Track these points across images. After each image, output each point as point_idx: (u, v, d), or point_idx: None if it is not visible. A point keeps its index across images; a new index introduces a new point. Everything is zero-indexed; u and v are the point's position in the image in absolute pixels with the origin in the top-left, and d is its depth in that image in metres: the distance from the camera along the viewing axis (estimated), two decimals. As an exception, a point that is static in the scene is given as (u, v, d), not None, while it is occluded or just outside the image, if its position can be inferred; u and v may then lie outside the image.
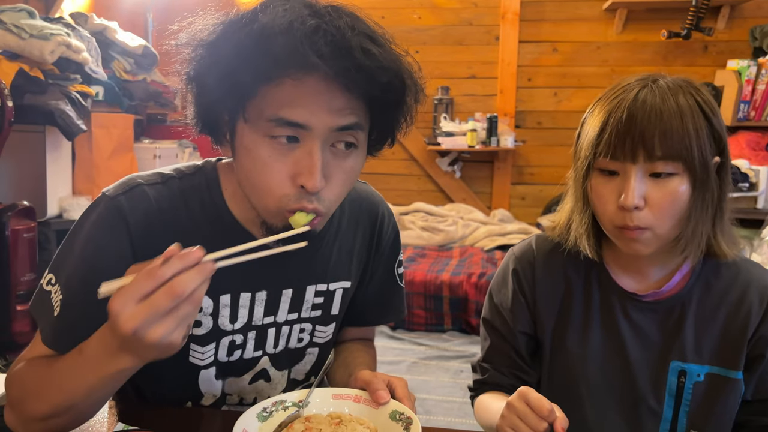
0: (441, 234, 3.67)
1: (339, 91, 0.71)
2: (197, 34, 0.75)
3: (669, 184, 0.82)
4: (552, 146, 4.11)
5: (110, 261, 0.78)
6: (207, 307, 0.85)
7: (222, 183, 0.86)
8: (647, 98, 0.82)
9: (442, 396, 2.27)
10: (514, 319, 0.99)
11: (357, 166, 0.79)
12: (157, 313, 0.59)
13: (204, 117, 0.80)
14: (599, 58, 3.99)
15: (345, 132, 0.74)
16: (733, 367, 0.90)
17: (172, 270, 0.59)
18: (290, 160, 0.73)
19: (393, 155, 4.28)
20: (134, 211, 0.80)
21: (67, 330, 0.78)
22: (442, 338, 2.84)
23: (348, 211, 0.97)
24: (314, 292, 0.93)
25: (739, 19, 3.80)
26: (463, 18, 4.11)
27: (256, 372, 0.93)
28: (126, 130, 3.08)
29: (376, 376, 0.83)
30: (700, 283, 0.92)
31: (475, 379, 1.04)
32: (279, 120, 0.71)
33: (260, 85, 0.71)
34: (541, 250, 1.00)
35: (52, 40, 2.51)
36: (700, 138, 0.82)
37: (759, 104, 3.44)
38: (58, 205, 2.77)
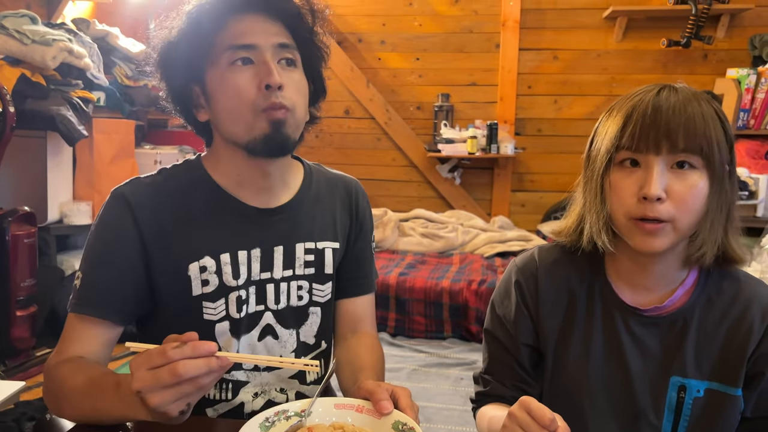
0: (441, 241, 3.67)
1: (269, 20, 0.95)
2: (160, 25, 0.97)
3: (690, 178, 0.83)
4: (552, 153, 4.11)
5: (118, 233, 0.95)
6: (211, 266, 0.97)
7: (205, 163, 1.02)
8: (671, 97, 0.85)
9: (443, 404, 2.26)
10: (517, 331, 0.99)
11: (303, 83, 0.98)
12: (158, 384, 0.69)
13: (177, 94, 0.99)
14: (599, 66, 4.00)
15: (283, 50, 0.95)
16: (733, 383, 0.89)
17: (181, 355, 0.68)
18: (251, 73, 0.92)
19: (393, 162, 4.29)
20: (134, 194, 0.97)
21: (87, 296, 0.94)
22: (442, 345, 2.83)
23: (325, 184, 1.11)
24: (304, 249, 1.05)
25: (738, 27, 3.82)
26: (463, 26, 4.13)
27: (263, 327, 1.02)
28: (127, 135, 3.08)
29: (379, 386, 0.83)
30: (703, 299, 0.92)
31: (477, 391, 1.04)
32: (234, 46, 0.92)
33: (216, 32, 0.93)
34: (544, 261, 1.00)
35: (54, 45, 2.52)
36: (719, 139, 0.84)
37: (758, 113, 3.46)
38: (59, 211, 2.77)
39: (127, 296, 0.96)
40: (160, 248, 0.96)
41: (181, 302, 0.97)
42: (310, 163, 1.14)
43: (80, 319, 0.94)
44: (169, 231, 0.96)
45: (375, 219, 3.73)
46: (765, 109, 3.45)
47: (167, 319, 0.99)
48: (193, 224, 0.98)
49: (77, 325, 0.94)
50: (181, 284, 0.97)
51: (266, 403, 1.03)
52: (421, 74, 4.21)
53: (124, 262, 0.95)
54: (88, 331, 0.94)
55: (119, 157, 3.00)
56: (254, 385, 1.03)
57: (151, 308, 0.99)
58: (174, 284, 0.97)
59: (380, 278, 3.01)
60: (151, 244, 0.96)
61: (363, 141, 4.31)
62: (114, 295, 0.95)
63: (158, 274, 0.96)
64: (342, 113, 4.30)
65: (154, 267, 0.96)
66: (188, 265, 0.96)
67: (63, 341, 0.94)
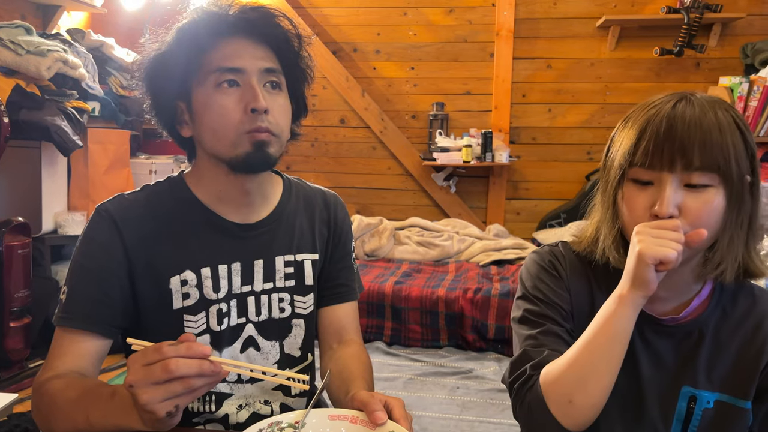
0: (437, 249, 3.67)
1: (257, 43, 0.97)
2: (148, 47, 0.99)
3: (704, 195, 0.81)
4: (547, 162, 4.13)
5: (103, 248, 0.96)
6: (192, 280, 0.99)
7: (187, 180, 1.04)
8: (686, 110, 0.82)
9: (438, 413, 2.25)
10: (562, 303, 0.94)
11: (287, 106, 1.00)
12: (150, 379, 0.69)
13: (162, 109, 1.01)
14: (593, 74, 4.02)
15: (269, 74, 0.97)
16: (744, 396, 0.89)
17: (175, 352, 0.70)
18: (237, 95, 0.94)
19: (389, 170, 4.30)
20: (118, 210, 0.99)
21: (73, 309, 0.95)
22: (439, 354, 2.82)
23: (303, 198, 1.14)
24: (283, 262, 1.07)
25: (730, 36, 3.85)
26: (458, 35, 4.15)
27: (245, 339, 1.03)
28: (122, 145, 3.08)
29: (373, 397, 0.83)
30: (718, 311, 0.91)
31: (530, 364, 0.89)
32: (221, 68, 0.94)
33: (204, 53, 0.95)
34: (569, 254, 0.98)
35: (49, 56, 2.52)
36: (737, 151, 0.81)
37: (751, 120, 3.47)
38: (53, 221, 2.76)
39: (114, 309, 0.97)
40: (143, 262, 0.98)
41: (162, 315, 0.99)
42: (291, 178, 1.16)
43: (68, 333, 0.95)
44: (151, 245, 0.98)
45: (370, 228, 3.75)
46: (758, 116, 3.47)
47: (150, 332, 0.98)
48: (175, 239, 1.00)
49: (65, 339, 0.95)
50: (163, 297, 0.98)
51: (251, 415, 1.03)
52: (416, 83, 4.23)
53: (109, 275, 0.96)
54: (77, 345, 0.94)
55: (114, 167, 3.00)
56: (238, 397, 1.03)
57: (136, 321, 1.00)
58: (156, 297, 0.98)
59: (376, 287, 3.00)
60: (135, 258, 0.97)
61: (358, 150, 4.32)
62: (100, 307, 0.96)
63: (141, 287, 0.98)
64: (337, 122, 4.31)
65: (138, 280, 0.98)
66: (169, 278, 0.98)
67: (51, 356, 0.94)
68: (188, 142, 1.04)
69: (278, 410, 1.05)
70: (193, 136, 1.01)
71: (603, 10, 3.92)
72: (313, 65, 1.06)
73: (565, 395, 0.83)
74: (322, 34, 4.22)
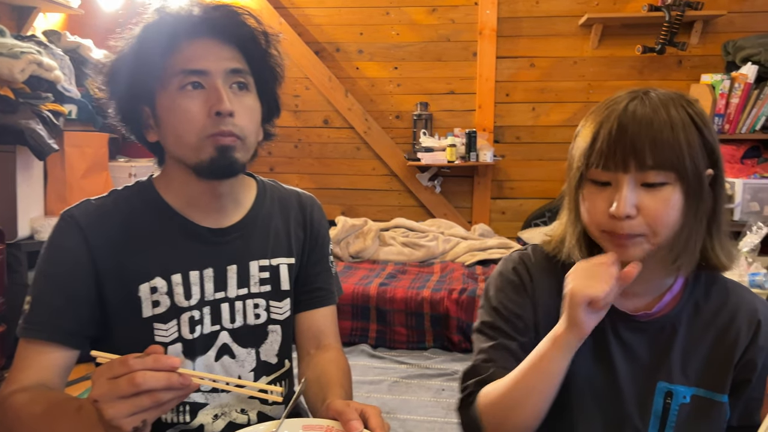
0: (422, 250, 3.65)
1: (222, 43, 0.93)
2: (111, 50, 0.97)
3: (661, 193, 0.81)
4: (531, 160, 4.12)
5: (69, 255, 0.93)
6: (162, 287, 0.96)
7: (156, 184, 1.02)
8: (637, 109, 0.82)
9: (424, 416, 2.23)
10: (524, 313, 0.94)
11: (255, 107, 0.97)
12: (116, 393, 0.67)
13: (127, 113, 0.98)
14: (576, 73, 4.03)
15: (235, 74, 0.93)
16: (720, 390, 0.89)
17: (141, 365, 0.67)
18: (201, 98, 0.91)
19: (373, 171, 4.27)
20: (84, 216, 0.95)
21: (37, 320, 0.92)
22: (424, 356, 2.80)
23: (278, 200, 1.11)
24: (258, 267, 1.04)
25: (711, 34, 3.87)
26: (441, 34, 4.13)
27: (219, 347, 1.00)
28: (100, 148, 3.03)
29: (348, 405, 0.82)
30: (690, 305, 0.91)
31: (476, 380, 0.93)
32: (185, 71, 0.91)
33: (166, 56, 0.92)
34: (538, 258, 0.98)
35: (23, 58, 2.46)
36: (692, 148, 0.81)
37: (733, 117, 3.49)
38: (30, 226, 2.70)
39: (81, 318, 0.94)
40: (111, 269, 0.94)
41: (131, 324, 0.95)
42: (265, 180, 1.13)
43: (32, 344, 0.92)
44: (119, 251, 0.95)
45: (355, 229, 3.72)
46: (739, 113, 3.49)
47: (119, 342, 0.96)
48: (144, 245, 0.97)
49: (30, 351, 0.91)
50: (132, 306, 0.95)
51: (227, 425, 1.00)
52: (399, 83, 4.21)
53: (75, 283, 0.93)
54: (41, 356, 0.91)
55: (92, 171, 2.95)
56: (213, 407, 1.00)
57: (105, 330, 0.97)
58: (124, 306, 0.95)
59: (360, 289, 2.98)
60: (102, 266, 0.94)
61: (342, 150, 4.29)
62: (66, 317, 0.93)
63: (109, 295, 0.95)
64: (321, 123, 4.28)
65: (105, 288, 0.94)
66: (138, 286, 0.95)
67: (15, 369, 0.91)
68: (156, 147, 1.01)
69: (255, 419, 1.03)
70: (159, 141, 0.98)
71: (585, 9, 3.92)
72: (283, 63, 1.03)
73: (498, 418, 0.88)
74: (305, 34, 4.18)
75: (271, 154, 4.30)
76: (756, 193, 3.26)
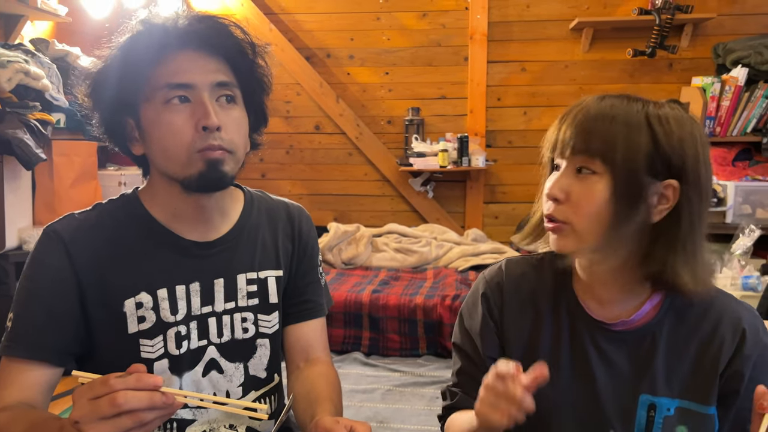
0: (415, 255, 3.64)
1: (208, 56, 0.91)
2: (96, 59, 0.95)
3: (587, 181, 0.83)
4: (523, 165, 4.12)
5: (52, 271, 0.91)
6: (147, 302, 0.94)
7: (141, 196, 1.00)
8: (592, 103, 0.84)
9: (417, 425, 2.21)
10: (483, 344, 0.97)
11: (243, 119, 0.95)
12: (97, 414, 0.65)
13: (110, 125, 0.95)
14: (567, 76, 4.03)
15: (222, 87, 0.91)
16: (705, 401, 0.87)
17: (123, 385, 0.65)
18: (187, 113, 0.89)
19: (365, 176, 4.26)
20: (67, 230, 0.93)
21: (20, 338, 0.90)
22: (417, 363, 2.79)
23: (266, 212, 1.09)
24: (245, 280, 1.02)
25: (701, 36, 3.88)
26: (432, 39, 4.13)
27: (206, 362, 0.99)
28: (89, 157, 3.00)
29: (338, 423, 0.80)
30: (672, 314, 0.89)
31: (445, 405, 1.01)
32: (170, 85, 0.89)
33: (150, 68, 0.90)
34: (511, 274, 0.99)
35: (9, 67, 2.44)
36: (630, 145, 0.80)
37: (724, 120, 3.50)
38: (18, 237, 2.67)
39: (65, 335, 0.92)
40: (95, 284, 0.92)
41: (117, 340, 0.94)
42: (252, 191, 1.11)
43: (15, 363, 0.90)
44: (104, 266, 0.93)
45: (347, 235, 3.70)
46: (730, 116, 3.49)
47: (104, 359, 0.94)
48: (129, 259, 0.95)
49: (12, 370, 0.89)
50: (117, 321, 0.93)
51: None
52: (390, 88, 4.20)
53: (59, 299, 0.91)
54: (24, 375, 0.89)
55: (81, 180, 2.92)
56: (201, 423, 0.98)
57: (89, 347, 0.95)
58: (109, 321, 0.93)
59: (353, 296, 2.96)
60: (86, 281, 0.92)
61: (334, 156, 4.28)
62: (49, 334, 0.91)
63: (93, 311, 0.93)
64: (312, 129, 4.26)
65: (90, 304, 0.92)
66: (123, 301, 0.93)
67: None
68: (142, 159, 0.99)
69: None
70: (145, 154, 0.96)
71: (575, 12, 3.93)
72: (271, 73, 1.01)
73: None
74: (295, 40, 4.17)
75: (262, 161, 4.28)
76: (748, 195, 3.27)
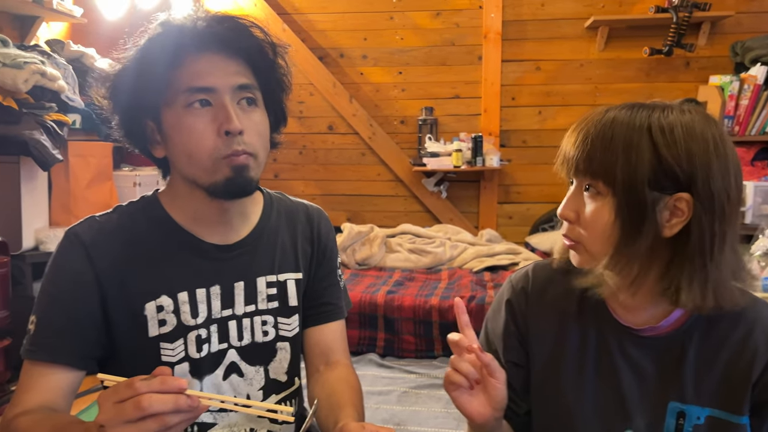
0: (429, 256, 3.62)
1: (228, 58, 0.90)
2: (114, 61, 0.95)
3: (594, 201, 0.83)
4: (537, 165, 4.09)
5: (73, 274, 0.91)
6: (168, 306, 0.94)
7: (161, 199, 0.99)
8: (593, 119, 0.83)
9: (434, 428, 2.19)
10: (505, 349, 0.96)
11: (264, 121, 0.95)
12: (122, 418, 0.65)
13: (130, 128, 0.95)
14: (582, 75, 3.99)
15: (244, 90, 0.91)
16: (736, 411, 0.84)
17: (147, 388, 0.65)
18: (209, 117, 0.88)
19: (378, 177, 4.25)
20: (88, 233, 0.93)
21: (42, 341, 0.90)
22: (433, 365, 2.76)
23: (285, 214, 1.08)
24: (265, 283, 1.02)
25: (719, 35, 3.83)
26: (445, 38, 4.11)
27: (227, 366, 0.98)
28: (104, 158, 3.01)
29: (363, 428, 0.80)
30: (702, 321, 0.87)
31: None
32: (191, 89, 0.88)
33: (171, 70, 0.89)
34: (538, 280, 0.97)
35: (26, 68, 2.45)
36: (629, 162, 0.78)
37: (743, 119, 3.45)
38: (34, 237, 2.68)
39: (87, 338, 0.92)
40: (116, 288, 0.92)
41: (137, 343, 0.93)
42: (271, 192, 1.11)
43: (37, 366, 0.90)
44: (124, 270, 0.93)
45: (361, 236, 3.69)
46: (749, 115, 3.45)
47: (125, 362, 0.94)
48: (150, 263, 0.94)
49: (34, 373, 0.89)
50: (138, 325, 0.93)
51: None
52: (404, 88, 4.18)
53: (80, 303, 0.91)
54: (46, 378, 0.89)
55: (97, 181, 2.92)
56: (222, 427, 0.98)
57: (111, 350, 0.94)
58: (130, 325, 0.93)
59: (368, 297, 2.94)
60: (107, 284, 0.92)
61: (347, 156, 4.27)
62: (71, 338, 0.91)
63: (115, 315, 0.92)
64: (325, 129, 4.25)
65: (111, 307, 0.92)
66: (144, 304, 0.93)
67: (19, 391, 0.88)
68: (163, 161, 0.98)
69: None
70: (167, 156, 0.95)
71: (591, 11, 3.89)
72: (290, 74, 1.01)
73: None
74: (308, 40, 4.16)
75: (275, 161, 4.27)
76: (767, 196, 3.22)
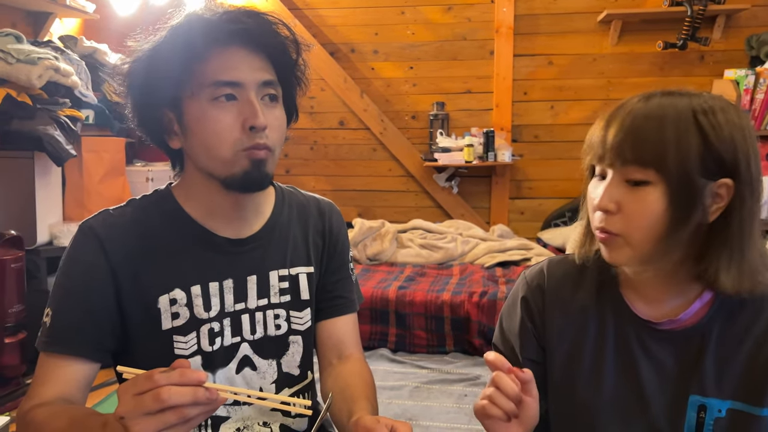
0: (440, 251, 3.61)
1: (253, 53, 0.91)
2: (137, 48, 0.93)
3: (641, 193, 0.79)
4: (550, 160, 4.06)
5: (88, 267, 0.91)
6: (181, 299, 0.94)
7: (175, 193, 0.99)
8: (637, 106, 0.80)
9: (446, 423, 2.19)
10: (522, 346, 0.96)
11: (283, 118, 0.95)
12: (142, 410, 0.65)
13: (147, 115, 0.95)
14: (595, 70, 3.96)
15: (267, 86, 0.91)
16: (758, 403, 0.83)
17: (167, 380, 0.65)
18: (234, 111, 0.88)
19: (390, 172, 4.24)
20: (102, 227, 0.93)
21: (58, 333, 0.90)
22: (445, 360, 2.76)
23: (297, 208, 1.08)
24: (278, 277, 1.02)
25: (734, 28, 3.78)
26: (457, 33, 4.09)
27: (240, 359, 0.99)
28: (117, 153, 3.03)
29: (378, 422, 0.79)
30: (722, 313, 0.86)
31: None
32: (218, 82, 0.88)
33: (197, 62, 0.88)
34: (553, 276, 0.96)
35: (40, 64, 2.46)
36: (681, 149, 0.77)
37: (758, 113, 3.41)
38: (49, 232, 2.71)
39: (102, 331, 0.92)
40: (130, 281, 0.92)
41: (151, 336, 0.94)
42: (284, 187, 1.11)
43: (53, 358, 0.90)
44: (138, 263, 0.93)
45: (372, 231, 3.69)
46: (765, 109, 3.40)
47: (139, 355, 0.94)
48: (163, 256, 0.95)
49: (50, 366, 0.90)
50: (151, 318, 0.93)
51: None
52: (415, 83, 4.17)
53: (95, 296, 0.91)
54: (62, 370, 0.89)
55: (110, 176, 2.95)
56: (235, 420, 0.98)
57: (125, 343, 0.95)
58: (143, 318, 0.93)
59: (379, 292, 2.94)
60: (121, 277, 0.92)
61: (358, 152, 4.26)
62: (87, 330, 0.91)
63: (129, 308, 0.93)
64: (336, 124, 4.25)
65: (125, 300, 0.93)
66: (158, 297, 0.93)
67: (35, 383, 0.89)
68: (177, 153, 0.98)
69: None
70: (182, 148, 0.95)
71: (604, 5, 3.85)
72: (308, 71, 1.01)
73: None
74: (319, 35, 4.16)
75: (287, 156, 4.28)
76: (783, 190, 3.18)
